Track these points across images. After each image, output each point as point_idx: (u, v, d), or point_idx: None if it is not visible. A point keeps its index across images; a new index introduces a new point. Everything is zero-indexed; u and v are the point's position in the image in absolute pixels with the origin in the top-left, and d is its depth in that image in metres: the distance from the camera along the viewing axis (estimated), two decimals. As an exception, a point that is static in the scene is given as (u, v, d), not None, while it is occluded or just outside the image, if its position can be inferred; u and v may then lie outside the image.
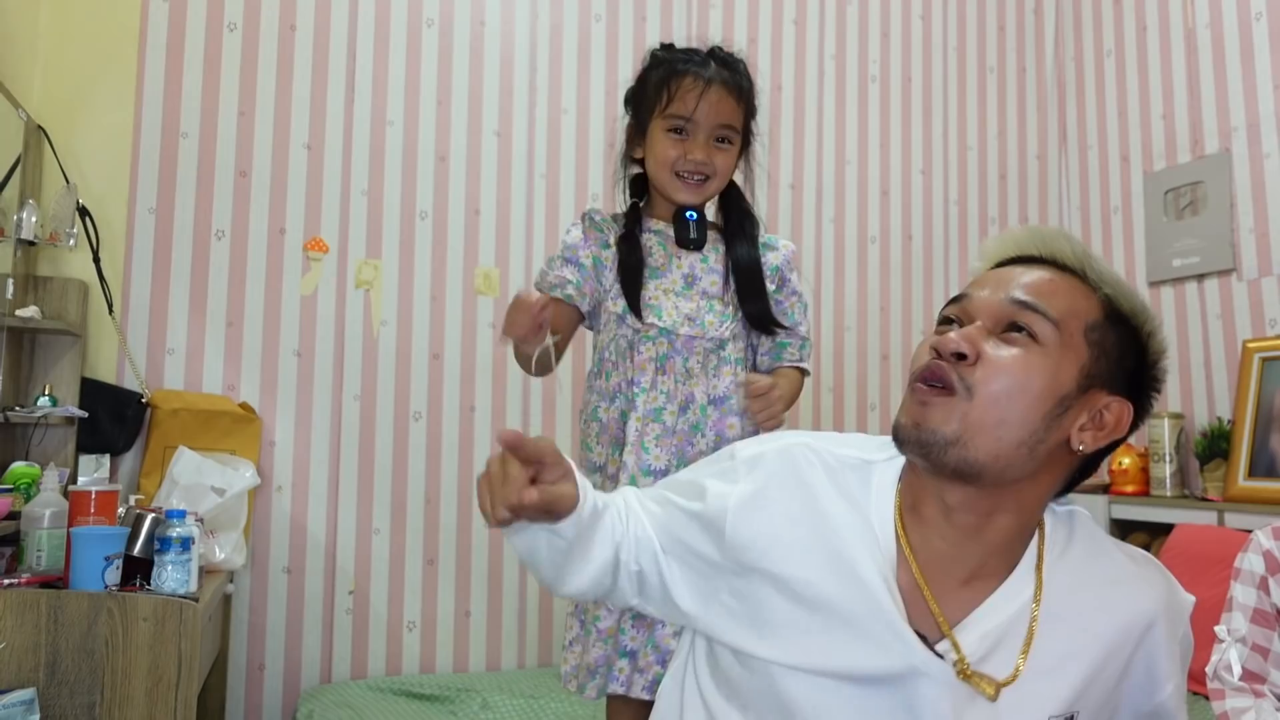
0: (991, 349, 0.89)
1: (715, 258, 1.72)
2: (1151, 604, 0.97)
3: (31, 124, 2.44)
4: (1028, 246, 0.96)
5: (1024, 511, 0.94)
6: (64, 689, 1.80)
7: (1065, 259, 0.94)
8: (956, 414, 0.88)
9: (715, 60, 1.70)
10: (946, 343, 0.90)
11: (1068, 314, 0.90)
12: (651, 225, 1.73)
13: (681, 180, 1.67)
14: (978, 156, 3.53)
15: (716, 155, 1.68)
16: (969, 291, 0.96)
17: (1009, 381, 0.88)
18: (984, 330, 0.91)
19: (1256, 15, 2.91)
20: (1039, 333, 0.89)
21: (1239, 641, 1.55)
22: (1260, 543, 1.60)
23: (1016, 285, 0.92)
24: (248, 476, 2.45)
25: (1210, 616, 2.22)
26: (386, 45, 2.87)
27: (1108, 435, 0.93)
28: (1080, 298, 0.92)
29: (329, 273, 2.78)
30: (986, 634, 0.92)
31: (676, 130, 1.66)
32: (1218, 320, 2.98)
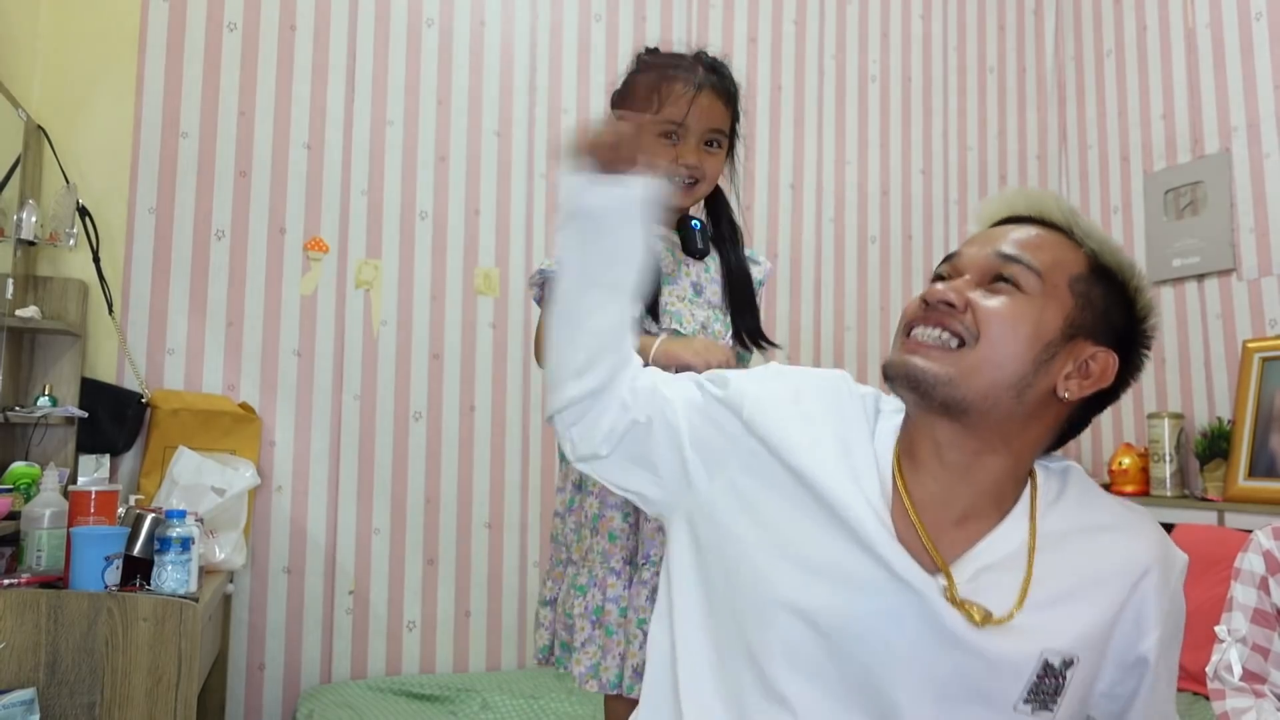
0: (980, 298, 0.94)
1: (715, 267, 1.74)
2: (1145, 551, 0.99)
3: (31, 124, 2.44)
4: (1018, 206, 1.01)
5: (1013, 455, 0.97)
6: (64, 689, 1.80)
7: (1053, 216, 0.99)
8: (956, 363, 0.93)
9: (703, 65, 1.70)
10: (934, 293, 0.95)
11: (1052, 265, 0.95)
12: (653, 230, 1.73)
13: (672, 184, 1.68)
14: (978, 156, 3.53)
15: (706, 159, 1.68)
16: (960, 250, 1.00)
17: (999, 325, 0.92)
18: (970, 283, 0.96)
19: (1256, 15, 2.91)
20: (1023, 282, 0.94)
21: (1239, 641, 1.55)
22: (1260, 543, 1.60)
23: (1004, 240, 0.97)
24: (248, 476, 2.45)
25: (1210, 616, 2.22)
26: (386, 45, 2.87)
27: (1093, 384, 0.96)
28: (1066, 251, 0.96)
29: (329, 273, 2.78)
30: (981, 569, 0.94)
31: (667, 135, 1.67)
32: (1218, 320, 2.98)
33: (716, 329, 1.70)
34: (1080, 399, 0.97)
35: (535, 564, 2.89)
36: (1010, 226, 1.00)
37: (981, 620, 0.90)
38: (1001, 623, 0.91)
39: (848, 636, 0.92)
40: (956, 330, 0.94)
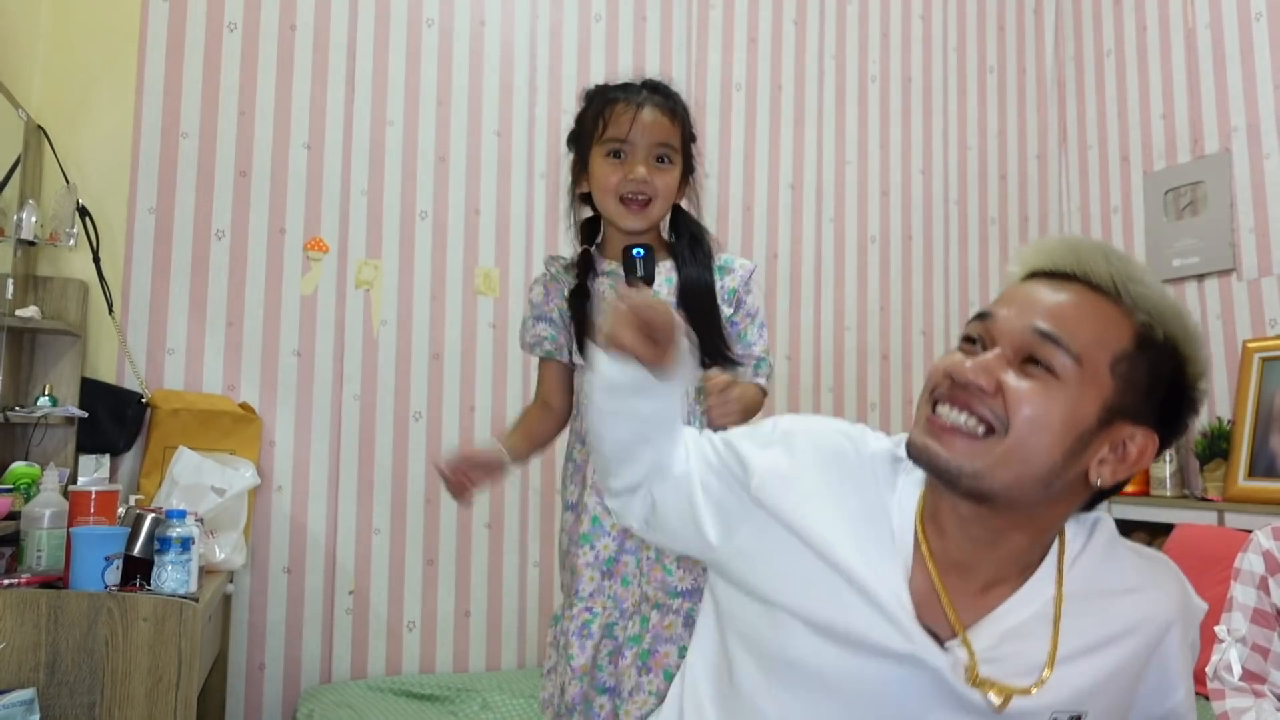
0: (1012, 380, 0.86)
1: (669, 289, 1.71)
2: (1168, 610, 0.96)
3: (31, 124, 2.44)
4: (1061, 261, 0.90)
5: (1038, 531, 0.93)
6: (64, 689, 1.80)
7: (1099, 279, 0.88)
8: (975, 452, 0.87)
9: (647, 87, 1.72)
10: (964, 372, 0.87)
11: (1092, 345, 0.86)
12: (605, 268, 1.73)
13: (625, 204, 1.67)
14: (978, 156, 3.53)
15: (657, 175, 1.66)
16: (994, 310, 0.91)
17: (1028, 415, 0.85)
18: (1003, 359, 0.87)
19: (1256, 15, 2.91)
20: (1058, 367, 0.85)
21: (1239, 641, 1.55)
22: (1260, 543, 1.60)
23: (1040, 310, 0.87)
24: (248, 476, 2.45)
25: (1211, 616, 2.22)
26: (386, 45, 2.87)
27: (1129, 468, 0.89)
28: (1110, 325, 0.87)
29: (329, 273, 2.78)
30: (1004, 635, 0.91)
31: (615, 155, 1.67)
32: (1218, 320, 2.98)
33: None
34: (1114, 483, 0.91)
35: (535, 564, 2.89)
36: (1049, 288, 0.89)
37: (1001, 704, 0.87)
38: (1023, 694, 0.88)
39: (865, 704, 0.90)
40: (984, 416, 0.86)
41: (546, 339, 1.74)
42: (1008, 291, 0.93)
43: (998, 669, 0.90)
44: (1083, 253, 0.89)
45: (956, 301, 3.45)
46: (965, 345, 0.92)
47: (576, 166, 1.76)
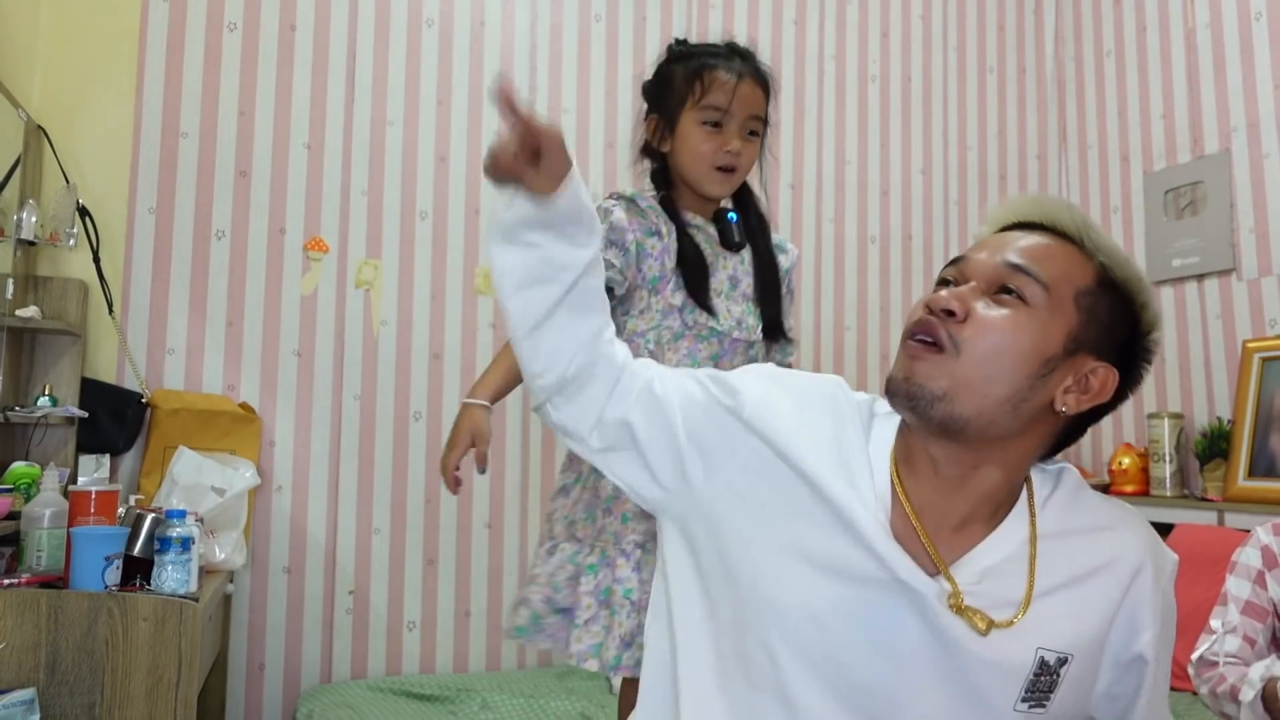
0: (982, 308, 0.92)
1: (748, 259, 1.76)
2: (1138, 549, 0.99)
3: (31, 124, 2.44)
4: (1029, 213, 0.99)
5: (1008, 467, 0.96)
6: (64, 689, 1.80)
7: (1064, 226, 0.96)
8: (945, 371, 0.91)
9: (739, 54, 1.72)
10: (938, 300, 0.93)
11: (1059, 278, 0.93)
12: (691, 219, 1.74)
13: (717, 172, 1.69)
14: (978, 156, 3.53)
15: (746, 147, 1.70)
16: (967, 254, 0.98)
17: (996, 340, 0.91)
18: (976, 290, 0.94)
19: (1256, 15, 2.91)
20: (1029, 295, 0.92)
21: (1229, 633, 1.56)
22: (1260, 538, 1.61)
23: (1011, 249, 0.95)
24: (248, 476, 2.45)
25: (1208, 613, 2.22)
26: (386, 45, 2.87)
27: (1091, 399, 0.95)
28: (1074, 264, 0.94)
29: (329, 273, 2.78)
30: (985, 572, 0.94)
31: (712, 123, 1.67)
32: (1218, 320, 2.98)
33: (750, 323, 1.72)
34: (1077, 412, 0.97)
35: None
36: (1019, 234, 0.97)
37: (986, 630, 0.91)
38: (1005, 626, 0.92)
39: (852, 633, 0.92)
40: (943, 340, 0.92)
41: (615, 265, 1.66)
42: (979, 241, 1.00)
43: (978, 604, 0.92)
44: (1047, 205, 0.98)
45: (956, 301, 3.45)
46: (939, 287, 0.97)
47: (658, 124, 1.73)
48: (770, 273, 1.75)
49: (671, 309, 1.68)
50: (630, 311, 1.72)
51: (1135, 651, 0.99)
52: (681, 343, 1.68)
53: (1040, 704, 0.93)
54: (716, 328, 1.68)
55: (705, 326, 1.68)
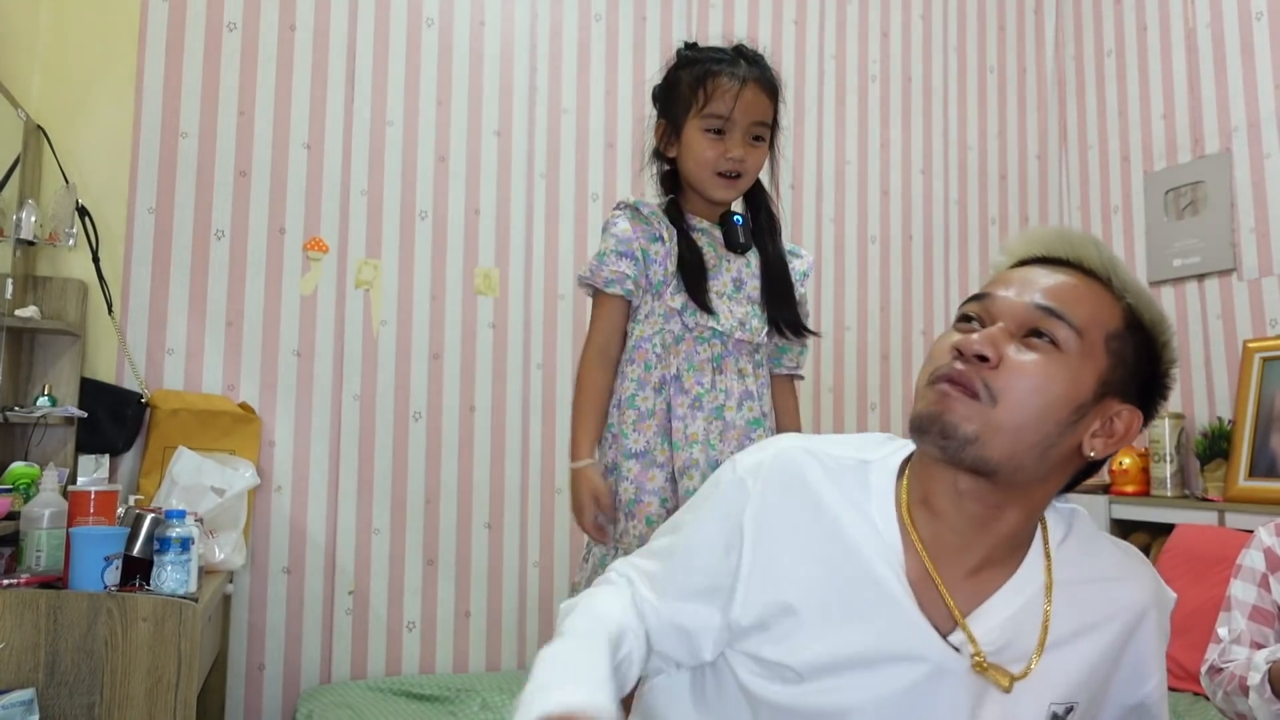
0: (1014, 353, 0.89)
1: (755, 262, 1.77)
2: (1143, 598, 0.99)
3: (31, 124, 2.44)
4: (1054, 247, 0.95)
5: (1030, 509, 0.95)
6: (63, 689, 1.79)
7: (1091, 264, 0.93)
8: (978, 416, 0.89)
9: (745, 59, 1.72)
10: (970, 344, 0.90)
11: (1090, 322, 0.90)
12: (695, 223, 1.76)
13: (721, 179, 1.70)
14: (978, 156, 3.53)
15: (751, 153, 1.71)
16: (991, 290, 0.94)
17: (1030, 386, 0.88)
18: (1006, 333, 0.90)
19: (1256, 15, 2.91)
20: (1061, 339, 0.89)
21: (1235, 641, 1.55)
22: (1262, 539, 1.60)
23: (1040, 289, 0.91)
24: (247, 476, 2.45)
25: (1210, 616, 2.22)
26: (386, 45, 2.87)
27: (1117, 442, 0.93)
28: (1103, 305, 0.92)
29: (329, 273, 2.78)
30: (1002, 624, 0.93)
31: (715, 130, 1.68)
32: (1218, 320, 2.98)
33: (754, 324, 1.73)
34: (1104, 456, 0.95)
35: (535, 564, 2.89)
36: (1044, 270, 0.93)
37: (1009, 686, 0.90)
38: (1022, 678, 0.91)
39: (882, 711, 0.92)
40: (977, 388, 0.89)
41: (629, 277, 1.71)
42: (1001, 275, 0.95)
43: (997, 656, 0.92)
44: (1074, 241, 0.94)
45: (956, 301, 3.44)
46: (962, 325, 0.94)
47: (665, 129, 1.76)
48: (779, 273, 1.77)
49: (672, 312, 1.70)
50: (637, 318, 1.74)
51: (1139, 699, 1.00)
52: (682, 345, 1.70)
53: None
54: (717, 328, 1.69)
55: (706, 328, 1.70)
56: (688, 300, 1.69)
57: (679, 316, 1.70)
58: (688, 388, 1.69)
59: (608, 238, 1.75)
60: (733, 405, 1.70)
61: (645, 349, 1.71)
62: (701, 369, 1.69)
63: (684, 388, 1.69)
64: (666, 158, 1.77)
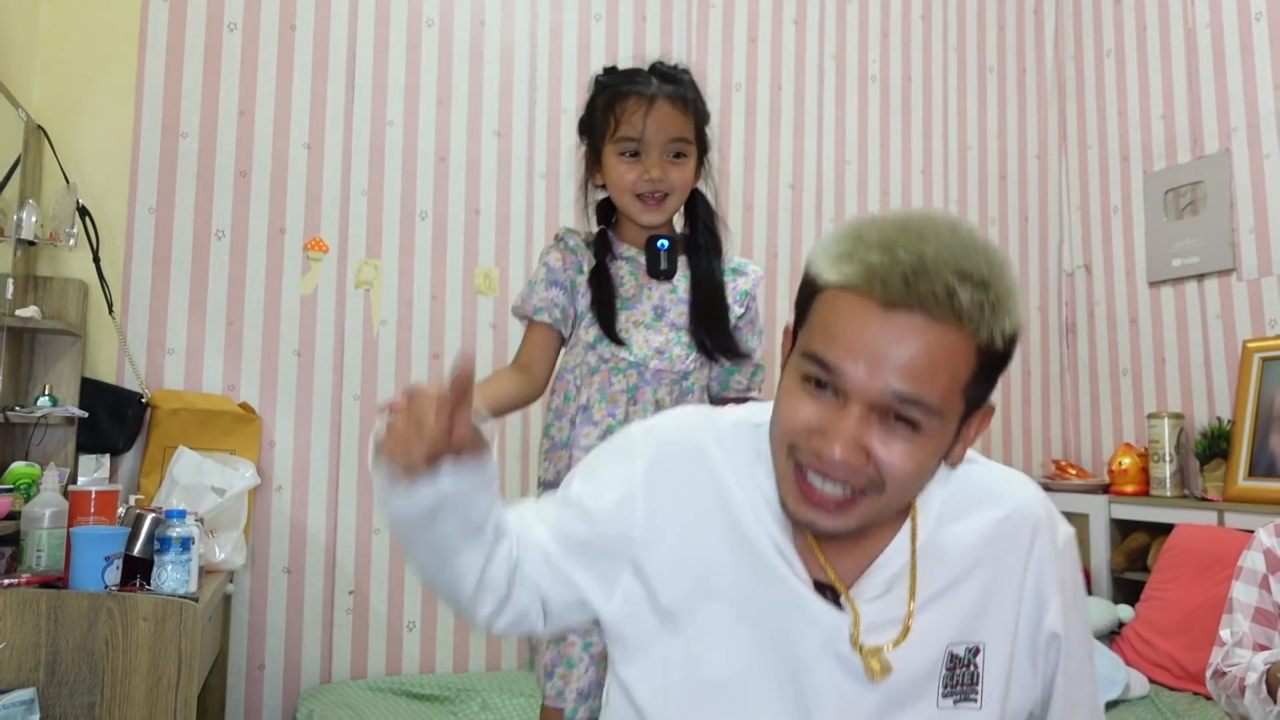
0: (880, 447, 0.85)
1: (684, 287, 1.73)
2: (1027, 508, 0.98)
3: (31, 124, 2.44)
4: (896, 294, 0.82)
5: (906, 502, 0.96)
6: (64, 689, 1.80)
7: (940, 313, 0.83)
8: (870, 509, 0.89)
9: (657, 76, 1.69)
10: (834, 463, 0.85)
11: (948, 390, 0.85)
12: (622, 251, 1.74)
13: (642, 201, 1.68)
14: (978, 156, 3.54)
15: (672, 170, 1.67)
16: (839, 364, 0.84)
17: (905, 470, 0.86)
18: (863, 423, 0.85)
19: (1256, 15, 2.91)
20: (921, 421, 0.85)
21: (1237, 644, 1.55)
22: (1262, 540, 1.60)
23: (894, 369, 0.83)
24: (248, 476, 2.45)
25: (1211, 616, 2.22)
26: (386, 45, 2.87)
27: (975, 438, 0.94)
28: (958, 358, 0.84)
29: (329, 273, 2.78)
30: (881, 591, 0.94)
31: (630, 153, 1.66)
32: (1218, 320, 2.98)
33: (676, 352, 1.69)
34: None
35: (535, 564, 2.89)
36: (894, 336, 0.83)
37: (881, 671, 0.91)
38: (900, 642, 0.92)
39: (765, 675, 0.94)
40: (860, 485, 0.86)
41: (558, 305, 1.72)
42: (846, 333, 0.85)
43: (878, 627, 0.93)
44: (919, 285, 0.82)
45: (956, 301, 3.45)
46: (809, 386, 0.88)
47: (589, 158, 1.75)
48: (708, 295, 1.70)
49: (588, 345, 1.70)
50: (566, 348, 1.76)
51: (1047, 630, 0.98)
52: (596, 377, 1.69)
53: (968, 698, 0.94)
54: (630, 359, 1.67)
55: (619, 359, 1.68)
56: (600, 332, 1.68)
57: (594, 348, 1.69)
58: (597, 419, 1.67)
59: (540, 267, 1.77)
60: None
61: (566, 380, 1.72)
62: (615, 400, 1.67)
63: (592, 419, 1.67)
64: (598, 186, 1.76)
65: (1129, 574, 2.96)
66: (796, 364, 0.89)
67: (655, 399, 1.67)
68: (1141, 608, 2.70)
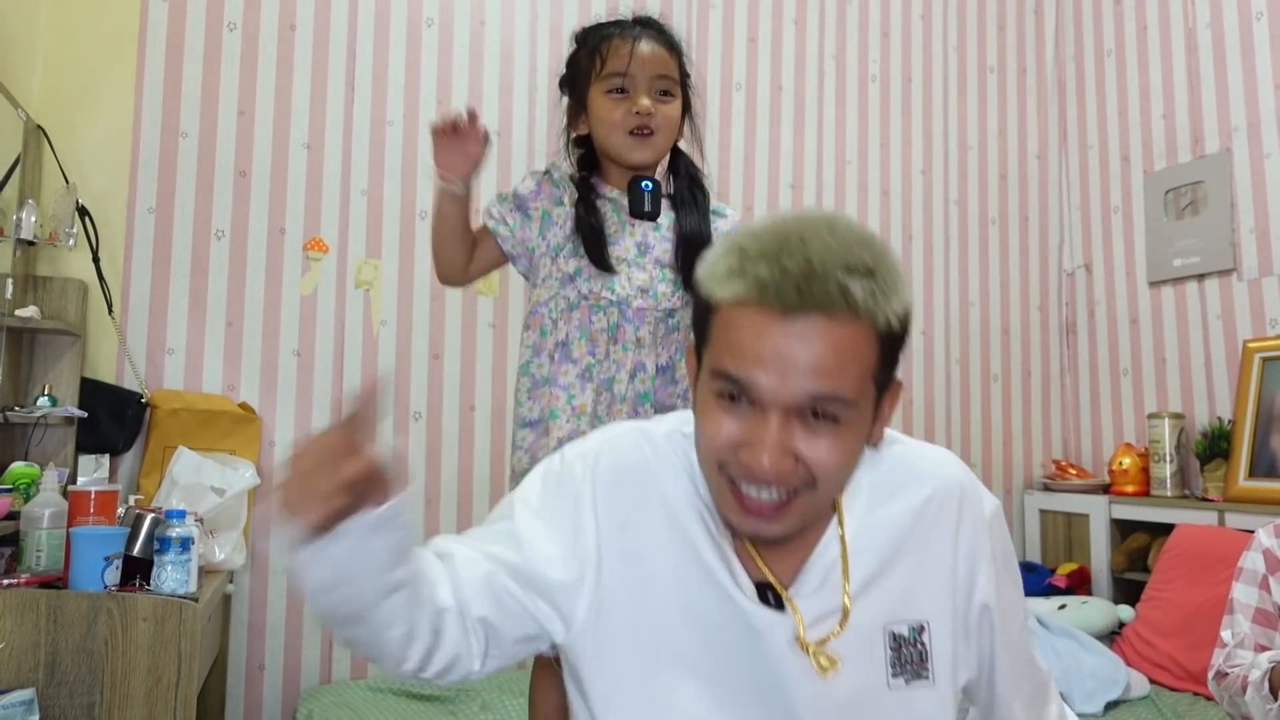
0: (805, 446, 0.86)
1: (668, 225, 1.71)
2: (953, 481, 1.00)
3: (31, 124, 2.44)
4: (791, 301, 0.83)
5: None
6: (63, 689, 1.80)
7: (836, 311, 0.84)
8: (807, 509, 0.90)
9: (639, 23, 1.71)
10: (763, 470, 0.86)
11: (858, 378, 0.86)
12: (606, 191, 1.71)
13: (633, 138, 1.66)
14: (978, 156, 3.53)
15: (660, 106, 1.66)
16: (749, 377, 0.85)
17: (834, 464, 0.88)
18: (785, 428, 0.85)
19: (1257, 15, 2.91)
20: (839, 414, 0.86)
21: (1239, 645, 1.55)
22: (1261, 541, 1.60)
23: (803, 371, 0.84)
24: (247, 476, 2.45)
25: (1212, 616, 2.22)
26: (386, 45, 2.87)
27: (890, 417, 0.95)
28: (861, 348, 0.86)
29: (329, 273, 2.78)
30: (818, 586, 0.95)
31: (617, 90, 1.66)
32: (1218, 320, 2.98)
33: (661, 289, 1.66)
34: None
35: (535, 564, 2.89)
36: (796, 337, 0.83)
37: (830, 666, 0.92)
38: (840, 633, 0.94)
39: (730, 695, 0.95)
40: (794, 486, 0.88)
41: (512, 228, 1.71)
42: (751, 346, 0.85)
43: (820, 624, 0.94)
44: (812, 289, 0.83)
45: (956, 301, 3.45)
46: (726, 404, 0.88)
47: (572, 110, 1.74)
48: (696, 238, 1.68)
49: (567, 277, 1.66)
50: (536, 281, 1.72)
51: (978, 602, 0.99)
52: (575, 313, 1.65)
53: (919, 675, 0.96)
54: (611, 298, 1.64)
55: (600, 296, 1.64)
56: (581, 264, 1.65)
57: (573, 282, 1.65)
58: (576, 357, 1.64)
59: (510, 189, 1.75)
60: (623, 378, 1.63)
61: (541, 314, 1.68)
62: (595, 339, 1.64)
63: (571, 356, 1.64)
64: (580, 139, 1.75)
65: (1129, 574, 2.96)
66: (707, 383, 0.89)
67: (636, 337, 1.64)
68: (1142, 608, 2.70)
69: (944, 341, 3.42)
